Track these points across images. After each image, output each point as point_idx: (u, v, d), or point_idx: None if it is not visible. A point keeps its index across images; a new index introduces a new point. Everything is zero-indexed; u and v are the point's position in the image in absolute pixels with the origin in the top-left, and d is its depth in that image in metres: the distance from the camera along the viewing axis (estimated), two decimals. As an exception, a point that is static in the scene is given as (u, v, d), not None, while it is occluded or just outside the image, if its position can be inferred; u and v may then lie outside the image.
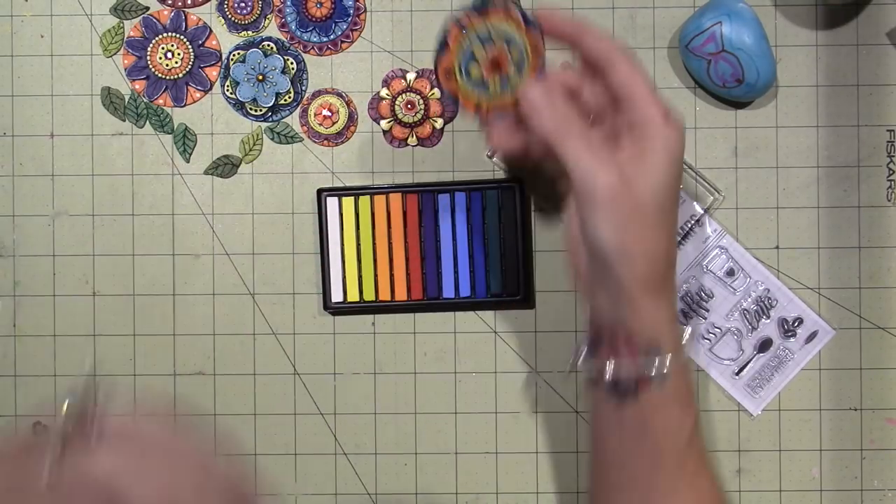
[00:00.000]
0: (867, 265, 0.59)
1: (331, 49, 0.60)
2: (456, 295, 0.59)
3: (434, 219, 0.59)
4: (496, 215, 0.59)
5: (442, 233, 0.59)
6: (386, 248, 0.59)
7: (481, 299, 0.59)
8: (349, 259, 0.59)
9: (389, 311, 0.60)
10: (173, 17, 0.60)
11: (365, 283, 0.59)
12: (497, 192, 0.58)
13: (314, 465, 0.60)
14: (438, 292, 0.59)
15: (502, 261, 0.59)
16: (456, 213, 0.59)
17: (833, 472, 0.59)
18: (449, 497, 0.60)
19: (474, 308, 0.59)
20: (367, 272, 0.59)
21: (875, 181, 0.59)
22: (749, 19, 0.55)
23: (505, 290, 0.59)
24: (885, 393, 0.59)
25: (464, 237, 0.59)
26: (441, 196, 0.59)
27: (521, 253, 0.58)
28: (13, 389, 0.60)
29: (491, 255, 0.59)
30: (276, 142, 0.60)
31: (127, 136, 0.60)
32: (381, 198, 0.59)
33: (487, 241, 0.59)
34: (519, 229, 0.58)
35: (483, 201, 0.59)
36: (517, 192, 0.58)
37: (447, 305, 0.59)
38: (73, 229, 0.60)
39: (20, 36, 0.60)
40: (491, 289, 0.59)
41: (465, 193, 0.59)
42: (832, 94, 0.59)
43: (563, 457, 0.60)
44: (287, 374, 0.60)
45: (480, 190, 0.59)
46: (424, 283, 0.59)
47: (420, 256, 0.59)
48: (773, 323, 0.59)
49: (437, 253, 0.59)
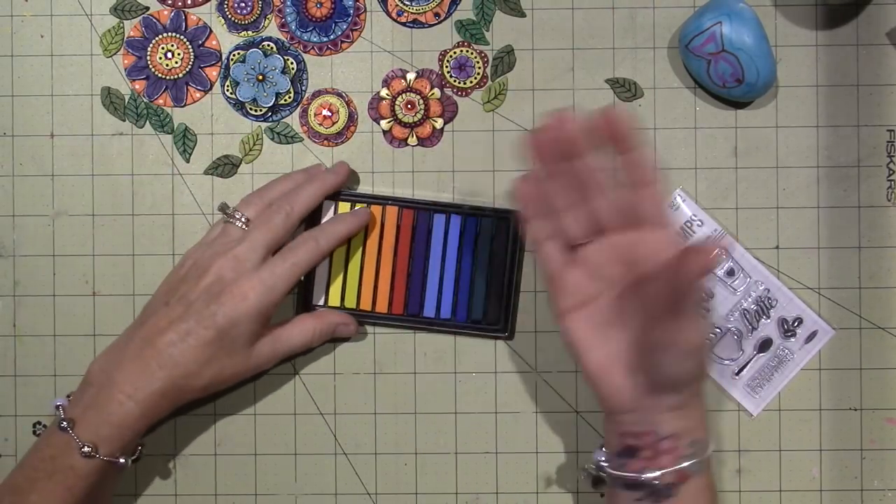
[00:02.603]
0: (867, 265, 0.59)
1: (331, 49, 0.60)
2: (436, 315, 0.59)
3: (427, 237, 0.59)
4: (488, 243, 0.59)
5: (432, 252, 0.59)
6: (374, 259, 0.59)
7: (460, 323, 0.59)
8: (336, 264, 0.59)
9: (368, 322, 0.60)
10: (173, 17, 0.60)
11: (348, 290, 0.59)
12: (492, 221, 0.58)
13: (314, 465, 0.60)
14: (419, 310, 0.59)
15: (487, 289, 0.59)
16: (449, 235, 0.59)
17: (833, 472, 0.59)
18: (449, 497, 0.60)
19: (451, 331, 0.59)
20: (351, 280, 0.59)
21: (875, 181, 0.59)
22: (749, 19, 0.55)
23: (485, 319, 0.59)
24: (885, 393, 0.59)
25: (453, 260, 0.59)
26: (437, 216, 0.59)
27: (507, 285, 0.58)
28: (13, 389, 0.60)
29: (476, 282, 0.59)
30: (276, 142, 0.60)
31: (127, 136, 0.60)
32: (378, 208, 0.59)
33: (476, 267, 0.59)
34: (508, 261, 0.58)
35: (478, 227, 0.59)
36: (511, 223, 0.58)
37: (425, 325, 0.59)
38: (73, 229, 0.60)
39: (20, 36, 0.60)
40: (472, 315, 0.59)
41: (462, 217, 0.59)
42: (832, 94, 0.59)
43: (563, 457, 0.60)
44: (287, 374, 0.60)
45: (477, 216, 0.59)
46: (406, 299, 0.59)
47: (407, 272, 0.59)
48: (773, 323, 0.59)
49: (425, 271, 0.59)
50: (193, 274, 0.54)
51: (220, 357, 0.53)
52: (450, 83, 0.60)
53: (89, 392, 0.52)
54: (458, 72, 0.60)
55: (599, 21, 0.60)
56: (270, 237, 0.54)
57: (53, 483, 0.51)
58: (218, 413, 0.60)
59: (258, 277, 0.53)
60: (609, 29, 0.60)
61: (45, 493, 0.51)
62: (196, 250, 0.55)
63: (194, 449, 0.60)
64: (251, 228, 0.54)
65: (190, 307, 0.52)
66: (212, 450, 0.60)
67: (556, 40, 0.60)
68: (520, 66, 0.60)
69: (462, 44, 0.60)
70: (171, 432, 0.60)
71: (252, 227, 0.55)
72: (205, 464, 0.60)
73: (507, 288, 0.58)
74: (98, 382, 0.52)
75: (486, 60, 0.60)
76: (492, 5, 0.60)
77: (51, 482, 0.51)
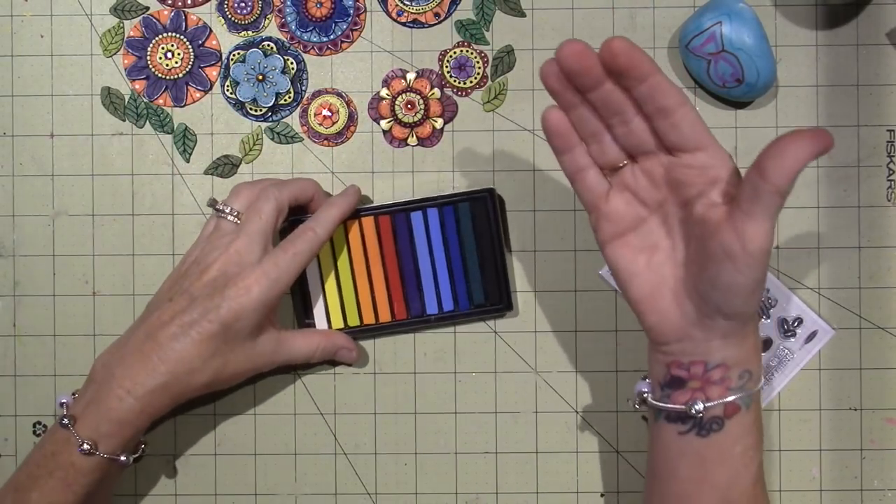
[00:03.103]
0: (867, 265, 0.59)
1: (331, 49, 0.60)
2: (439, 310, 0.59)
3: (409, 238, 0.59)
4: (470, 227, 0.58)
5: (419, 251, 0.59)
6: (364, 272, 0.59)
7: (465, 311, 0.59)
8: (329, 288, 0.59)
9: (375, 335, 0.60)
10: (173, 17, 0.60)
11: (347, 310, 0.59)
12: (468, 204, 0.58)
13: (314, 465, 0.60)
14: (422, 310, 0.59)
15: (482, 271, 0.59)
16: (430, 229, 0.59)
17: (833, 472, 0.59)
18: (449, 497, 0.60)
19: (457, 322, 0.59)
20: (348, 298, 0.59)
21: (875, 181, 0.59)
22: (749, 19, 0.55)
23: (488, 300, 0.59)
24: (885, 393, 0.59)
25: (441, 253, 0.59)
26: (414, 214, 0.59)
27: (498, 260, 0.58)
28: (13, 389, 0.60)
29: (469, 267, 0.59)
30: (276, 142, 0.60)
31: (127, 136, 0.60)
32: (354, 223, 0.59)
33: (465, 253, 0.59)
34: (495, 238, 0.58)
35: (456, 214, 0.58)
36: (488, 200, 0.58)
37: (431, 323, 0.59)
38: (73, 229, 0.60)
39: (20, 36, 0.60)
40: (474, 300, 0.59)
41: (437, 209, 0.59)
42: (832, 94, 0.59)
43: (563, 457, 0.60)
44: (287, 373, 0.60)
45: (452, 203, 0.58)
46: (407, 303, 0.59)
47: (399, 276, 0.59)
48: (773, 323, 0.59)
49: (417, 271, 0.59)
50: (195, 270, 0.54)
51: (223, 352, 0.53)
52: (450, 83, 0.60)
53: (91, 388, 0.52)
54: (458, 72, 0.60)
55: (599, 21, 0.60)
56: (265, 227, 0.54)
57: (54, 480, 0.51)
58: (218, 413, 0.60)
59: (262, 270, 0.53)
60: (609, 29, 0.60)
61: (46, 490, 0.51)
62: (195, 249, 0.55)
63: (194, 449, 0.60)
64: (244, 221, 0.54)
65: (194, 301, 0.52)
66: (212, 450, 0.60)
67: (556, 40, 0.60)
68: (520, 66, 0.60)
69: (462, 44, 0.60)
70: (171, 432, 0.60)
71: (245, 219, 0.54)
72: (205, 464, 0.60)
73: (500, 264, 0.58)
74: (99, 378, 0.52)
75: (486, 60, 0.60)
76: (492, 5, 0.60)
77: (51, 479, 0.51)
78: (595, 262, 0.59)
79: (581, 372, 0.60)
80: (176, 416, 0.60)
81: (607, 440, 0.59)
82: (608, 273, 0.59)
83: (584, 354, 0.60)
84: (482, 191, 0.58)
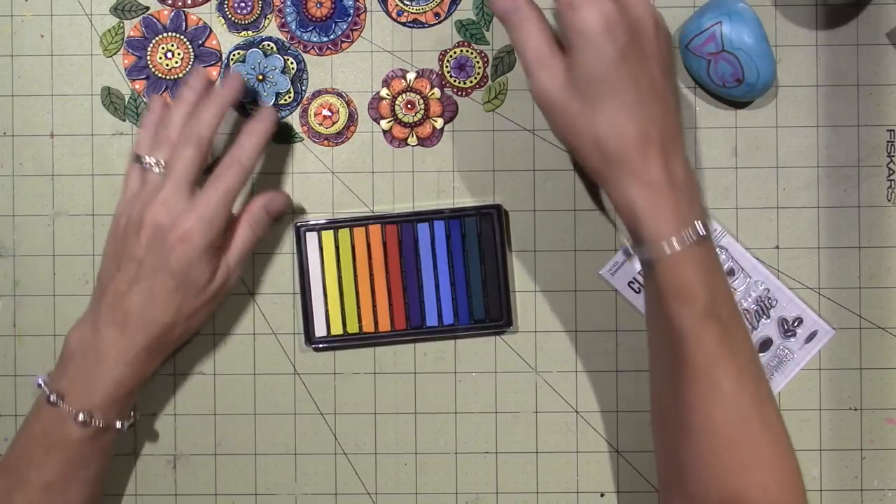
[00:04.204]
0: (867, 265, 0.59)
1: (331, 49, 0.60)
2: (439, 323, 0.59)
3: (414, 249, 0.59)
4: (475, 242, 0.59)
5: (423, 262, 0.59)
6: (367, 280, 0.59)
7: (464, 326, 0.59)
8: (331, 293, 0.59)
9: (374, 344, 0.60)
10: (173, 17, 0.60)
11: (348, 317, 0.59)
12: (476, 220, 0.59)
13: (314, 465, 0.60)
14: (422, 321, 0.59)
15: (484, 286, 0.59)
16: (436, 241, 0.59)
17: (833, 472, 0.59)
18: (449, 497, 0.60)
19: (456, 336, 0.59)
20: (349, 305, 0.59)
21: (875, 181, 0.59)
22: (749, 19, 0.55)
23: (488, 315, 0.59)
24: (885, 393, 0.59)
25: (445, 266, 0.59)
26: (420, 225, 0.59)
27: (501, 277, 0.58)
28: (13, 389, 0.60)
29: (472, 282, 0.59)
30: (276, 142, 0.60)
31: (127, 136, 0.60)
32: (361, 230, 0.59)
33: (468, 268, 0.59)
34: (499, 255, 0.58)
35: (462, 229, 0.59)
36: (495, 217, 0.58)
37: (430, 335, 0.59)
38: (73, 229, 0.60)
39: (20, 36, 0.60)
40: (474, 315, 0.59)
41: (444, 222, 0.59)
42: (832, 94, 0.59)
43: (563, 457, 0.60)
44: (287, 374, 0.60)
45: (459, 218, 0.59)
46: (408, 313, 0.59)
47: (402, 287, 0.59)
48: (773, 323, 0.59)
49: (419, 282, 0.59)
50: (132, 230, 0.54)
51: (188, 300, 0.54)
52: (450, 83, 0.60)
53: (73, 364, 0.53)
54: (458, 72, 0.60)
55: (599, 21, 0.60)
56: (189, 171, 0.54)
57: (50, 457, 0.51)
58: (218, 413, 0.60)
59: (195, 214, 0.53)
60: (609, 29, 0.60)
61: (44, 468, 0.51)
62: (124, 206, 0.55)
63: (194, 449, 0.60)
64: (168, 168, 0.54)
65: (142, 264, 0.53)
66: (212, 450, 0.60)
67: (556, 40, 0.60)
68: (520, 66, 0.60)
69: (462, 44, 0.60)
70: (171, 432, 0.60)
71: (169, 167, 0.54)
72: (205, 464, 0.60)
73: (503, 280, 0.58)
74: (81, 353, 0.53)
75: (486, 60, 0.60)
76: (492, 5, 0.60)
77: (48, 457, 0.51)
78: (595, 262, 0.60)
79: (581, 372, 0.60)
80: (175, 415, 0.60)
81: (607, 440, 0.59)
82: (608, 273, 0.59)
83: (584, 354, 0.60)
84: (489, 206, 0.58)
